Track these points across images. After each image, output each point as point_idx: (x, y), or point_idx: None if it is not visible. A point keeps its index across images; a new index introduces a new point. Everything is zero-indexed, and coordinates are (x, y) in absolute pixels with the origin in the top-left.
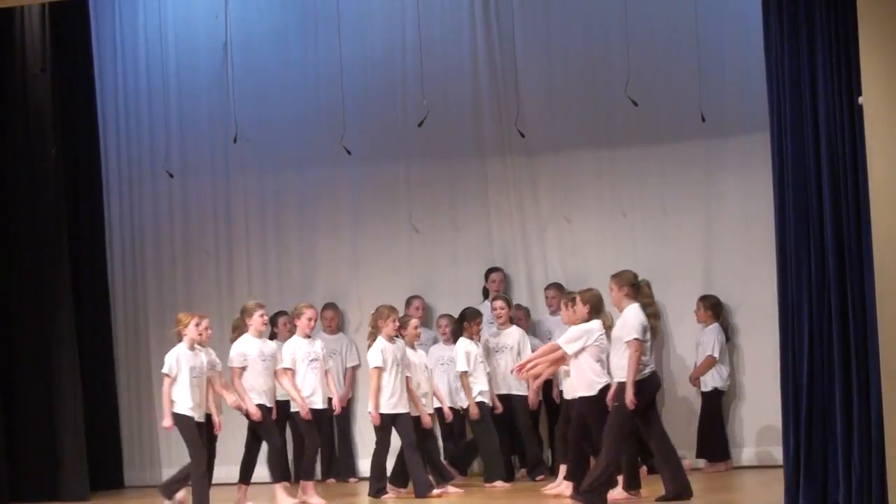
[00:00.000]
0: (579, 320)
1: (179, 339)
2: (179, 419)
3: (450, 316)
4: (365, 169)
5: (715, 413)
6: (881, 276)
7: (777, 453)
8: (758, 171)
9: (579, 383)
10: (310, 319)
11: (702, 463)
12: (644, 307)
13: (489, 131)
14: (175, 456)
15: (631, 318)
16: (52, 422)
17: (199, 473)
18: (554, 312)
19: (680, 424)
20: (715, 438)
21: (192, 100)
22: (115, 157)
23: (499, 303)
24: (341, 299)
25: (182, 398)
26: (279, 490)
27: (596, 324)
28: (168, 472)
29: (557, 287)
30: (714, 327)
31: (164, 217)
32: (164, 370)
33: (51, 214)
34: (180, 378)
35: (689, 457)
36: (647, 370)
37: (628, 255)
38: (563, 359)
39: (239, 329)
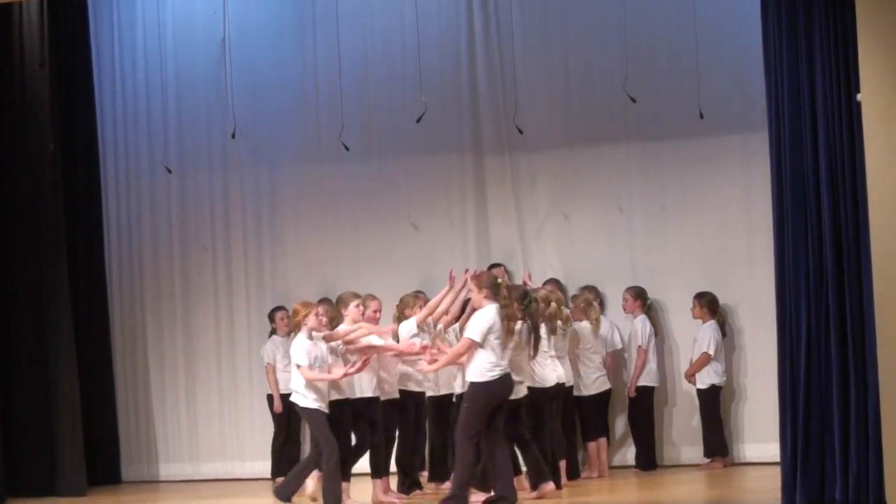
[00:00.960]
0: None
1: (295, 331)
2: (309, 413)
3: None
4: (363, 165)
5: (713, 410)
6: (878, 274)
7: (776, 450)
8: (756, 168)
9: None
10: (375, 311)
11: (692, 459)
12: (503, 308)
13: (487, 127)
14: (172, 452)
15: (478, 318)
16: (49, 417)
17: (332, 466)
18: None
19: (681, 421)
20: (713, 435)
21: (190, 95)
22: (112, 152)
23: None
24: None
25: (307, 391)
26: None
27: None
28: (165, 468)
29: (555, 283)
30: (710, 324)
31: (161, 212)
32: (300, 362)
33: (49, 209)
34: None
35: (688, 453)
36: (496, 372)
37: (625, 251)
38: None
39: (335, 320)
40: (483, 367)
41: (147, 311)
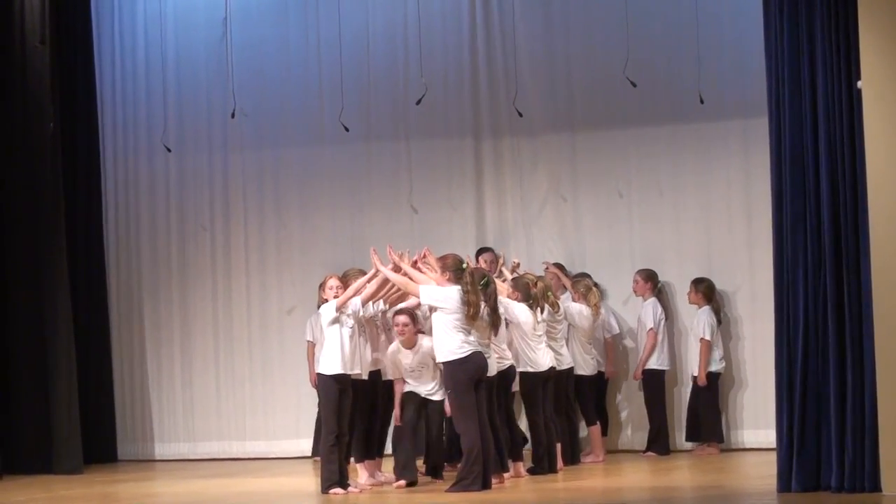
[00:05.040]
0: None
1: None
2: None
3: None
4: (363, 147)
5: (711, 396)
6: (877, 260)
7: (772, 436)
8: (756, 154)
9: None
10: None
11: (689, 445)
12: (465, 294)
13: (487, 110)
14: (168, 431)
15: (438, 288)
16: (46, 395)
17: (326, 448)
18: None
19: (680, 407)
20: (710, 421)
21: (190, 74)
22: (112, 130)
23: None
24: None
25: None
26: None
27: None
28: (161, 447)
29: (558, 266)
30: (705, 310)
31: (160, 191)
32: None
33: (48, 188)
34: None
35: (678, 438)
36: (466, 348)
37: (624, 235)
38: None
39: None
40: (453, 346)
41: (145, 289)
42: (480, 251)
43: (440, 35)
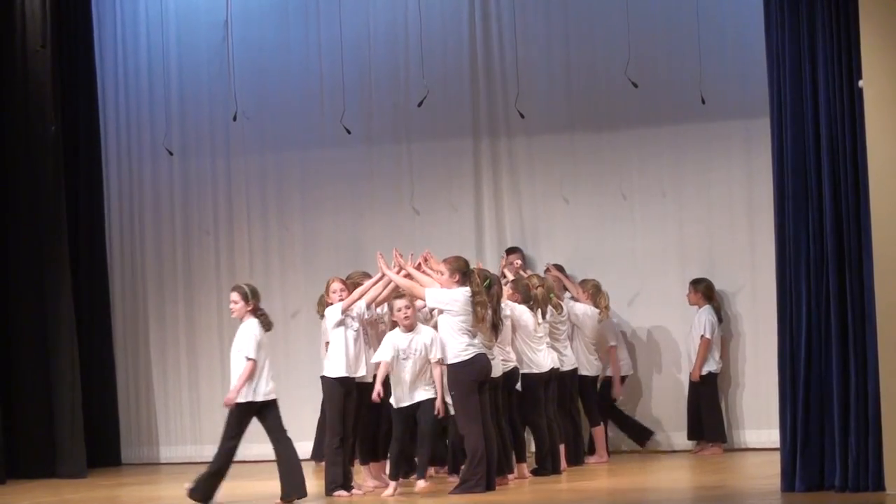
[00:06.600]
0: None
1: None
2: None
3: None
4: (365, 149)
5: (711, 396)
6: (879, 260)
7: (775, 436)
8: (758, 155)
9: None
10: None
11: (690, 444)
12: (474, 295)
13: (489, 112)
14: (173, 434)
15: (444, 291)
16: (49, 399)
17: (331, 450)
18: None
19: (671, 406)
20: (711, 421)
21: (192, 77)
22: (114, 133)
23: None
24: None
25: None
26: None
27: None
28: (166, 450)
29: (558, 268)
30: (706, 309)
31: (163, 195)
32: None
33: (50, 191)
34: None
35: (675, 438)
36: (470, 352)
37: (627, 237)
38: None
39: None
40: (457, 349)
41: (148, 292)
42: (510, 252)
43: (441, 37)
